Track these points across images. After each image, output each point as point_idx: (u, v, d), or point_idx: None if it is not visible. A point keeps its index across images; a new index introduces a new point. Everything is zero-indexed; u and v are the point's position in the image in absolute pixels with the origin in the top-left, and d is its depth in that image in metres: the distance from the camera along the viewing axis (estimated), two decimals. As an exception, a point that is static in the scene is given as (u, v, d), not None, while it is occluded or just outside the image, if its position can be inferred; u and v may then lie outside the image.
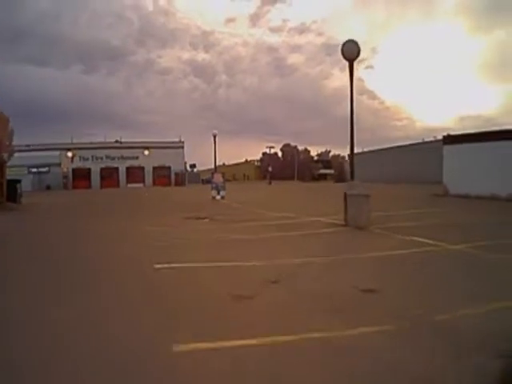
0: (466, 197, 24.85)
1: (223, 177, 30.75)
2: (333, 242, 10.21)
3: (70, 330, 4.56)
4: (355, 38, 13.40)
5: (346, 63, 13.34)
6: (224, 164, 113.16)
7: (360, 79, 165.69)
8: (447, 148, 27.91)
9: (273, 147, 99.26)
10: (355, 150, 13.97)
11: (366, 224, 11.76)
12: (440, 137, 34.53)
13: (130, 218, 16.85)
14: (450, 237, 10.03)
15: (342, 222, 12.69)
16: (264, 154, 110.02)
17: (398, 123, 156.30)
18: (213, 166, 39.52)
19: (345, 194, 12.47)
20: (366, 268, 7.34)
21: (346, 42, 13.27)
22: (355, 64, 13.33)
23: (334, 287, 6.05)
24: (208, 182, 35.61)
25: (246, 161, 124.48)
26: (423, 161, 49.97)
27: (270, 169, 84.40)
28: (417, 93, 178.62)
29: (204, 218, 16.11)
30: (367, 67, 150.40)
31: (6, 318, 5.01)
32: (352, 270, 7.25)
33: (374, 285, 6.02)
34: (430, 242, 9.50)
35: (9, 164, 47.21)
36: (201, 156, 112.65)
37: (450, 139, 27.94)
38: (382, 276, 6.77)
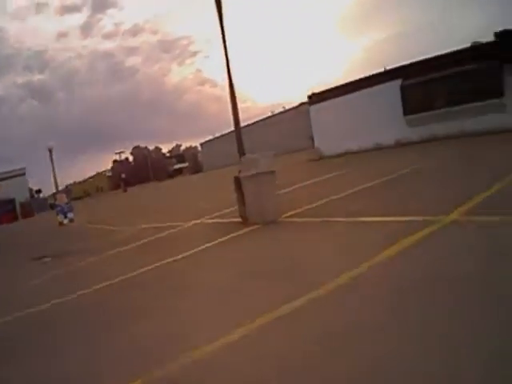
0: (346, 154, 22.72)
1: (67, 196, 24.70)
2: (245, 261, 5.87)
3: None
4: (189, 32, 9.23)
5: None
6: (75, 182, 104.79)
7: (198, 70, 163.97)
8: (313, 108, 25.45)
9: (122, 152, 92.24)
10: (206, 139, 9.88)
11: (276, 215, 7.89)
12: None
13: None
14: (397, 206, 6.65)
15: (238, 219, 8.70)
16: (115, 161, 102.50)
17: (242, 105, 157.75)
18: (61, 187, 32.58)
19: (236, 178, 8.43)
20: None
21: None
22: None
23: None
24: (54, 206, 28.80)
25: (98, 173, 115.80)
26: (289, 129, 48.07)
27: (122, 176, 77.60)
28: (257, 74, 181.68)
29: (41, 258, 10.91)
30: (205, 57, 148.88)
31: None
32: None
33: None
34: (390, 219, 6.00)
35: None
36: (50, 180, 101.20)
37: (315, 98, 25.44)
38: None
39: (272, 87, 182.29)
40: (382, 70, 23.83)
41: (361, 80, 23.17)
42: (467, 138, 16.60)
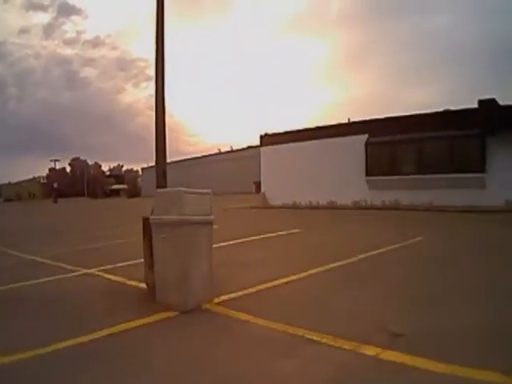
0: (296, 207, 19.54)
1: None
2: None
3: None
4: (148, 55, 6.10)
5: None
6: (9, 182, 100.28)
7: (152, 95, 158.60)
8: (265, 150, 22.13)
9: (58, 160, 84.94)
10: (149, 164, 6.30)
11: (204, 295, 4.34)
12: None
13: None
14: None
15: (144, 285, 5.07)
16: (51, 169, 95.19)
17: (190, 139, 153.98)
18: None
19: (144, 220, 4.84)
20: None
21: None
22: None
23: None
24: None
25: (34, 177, 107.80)
26: (234, 170, 44.81)
27: (55, 185, 70.97)
28: (209, 109, 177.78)
29: None
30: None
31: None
32: None
33: None
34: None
35: None
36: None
37: (268, 139, 22.15)
38: None
39: (224, 127, 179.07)
40: (346, 121, 21.25)
41: (322, 128, 20.35)
42: (438, 212, 13.96)
